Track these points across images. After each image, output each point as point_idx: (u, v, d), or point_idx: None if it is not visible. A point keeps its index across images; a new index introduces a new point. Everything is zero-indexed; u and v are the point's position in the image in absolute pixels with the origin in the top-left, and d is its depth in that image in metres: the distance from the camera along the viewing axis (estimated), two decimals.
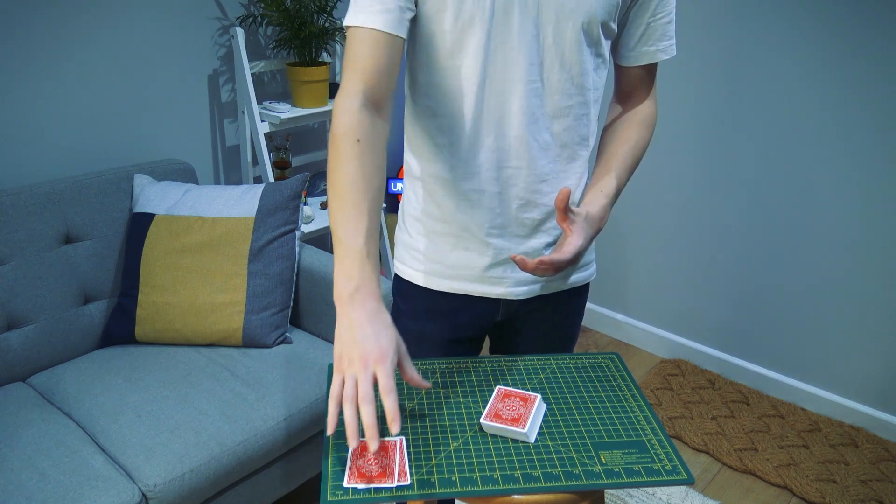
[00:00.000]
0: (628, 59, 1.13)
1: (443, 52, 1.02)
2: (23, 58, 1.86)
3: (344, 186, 0.92)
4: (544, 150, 1.08)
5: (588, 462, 0.95)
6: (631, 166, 1.14)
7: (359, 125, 0.95)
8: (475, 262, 1.15)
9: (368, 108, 0.97)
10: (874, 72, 2.07)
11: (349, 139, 0.94)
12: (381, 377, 0.84)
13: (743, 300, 2.53)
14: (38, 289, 1.76)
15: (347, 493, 0.87)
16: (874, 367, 2.30)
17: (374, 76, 0.97)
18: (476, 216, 1.11)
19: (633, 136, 1.14)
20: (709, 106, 2.40)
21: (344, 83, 0.98)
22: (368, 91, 0.97)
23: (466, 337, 1.23)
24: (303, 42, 2.25)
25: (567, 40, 1.01)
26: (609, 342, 2.89)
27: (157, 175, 2.01)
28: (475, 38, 1.00)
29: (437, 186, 1.12)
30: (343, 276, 0.89)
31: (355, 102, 0.95)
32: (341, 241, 0.91)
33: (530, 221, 1.12)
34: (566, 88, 1.05)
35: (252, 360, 1.80)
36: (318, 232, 2.35)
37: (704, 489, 2.12)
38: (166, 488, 1.44)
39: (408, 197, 1.18)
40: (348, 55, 0.98)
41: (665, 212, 2.63)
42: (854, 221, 2.22)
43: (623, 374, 1.16)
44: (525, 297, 1.18)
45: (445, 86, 1.05)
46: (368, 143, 0.95)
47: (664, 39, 1.11)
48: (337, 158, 0.94)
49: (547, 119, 1.06)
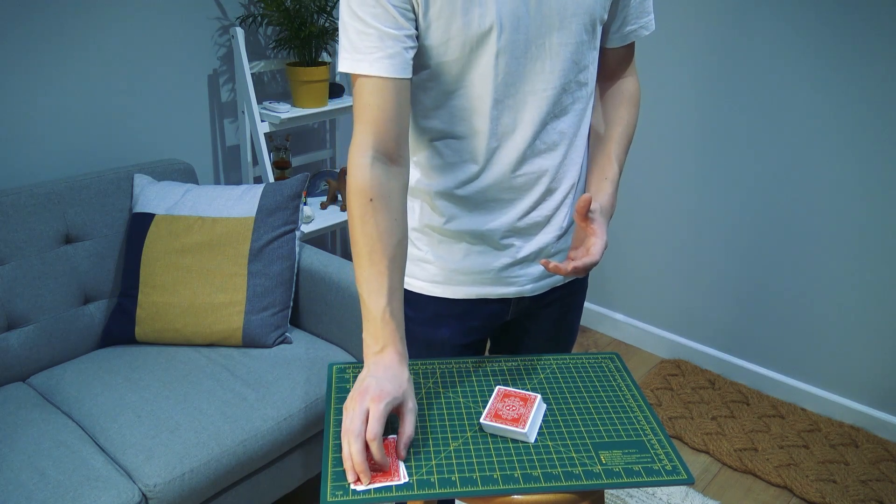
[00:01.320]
0: (613, 42, 1.14)
1: (451, 77, 1.01)
2: (23, 58, 1.86)
3: (362, 248, 0.96)
4: (552, 150, 1.08)
5: (588, 462, 0.95)
6: (626, 146, 1.15)
7: (371, 183, 0.96)
8: (490, 264, 1.14)
9: (381, 160, 0.97)
10: (875, 73, 2.07)
11: (363, 198, 0.96)
12: (371, 415, 0.88)
13: (743, 300, 2.53)
14: (38, 289, 1.76)
15: (347, 493, 0.87)
16: (874, 367, 2.30)
17: (385, 125, 0.96)
18: (491, 223, 1.11)
19: (625, 116, 1.16)
20: (709, 106, 2.40)
21: (355, 136, 0.98)
22: (380, 143, 0.97)
23: (475, 340, 1.23)
24: (303, 42, 2.25)
25: (572, 43, 1.02)
26: (609, 342, 2.89)
27: (157, 175, 2.01)
28: (484, 59, 0.99)
29: (447, 202, 1.11)
30: (369, 336, 0.96)
31: (366, 158, 0.96)
32: (365, 303, 0.96)
33: (541, 219, 1.13)
34: (572, 88, 1.06)
35: (252, 360, 1.80)
36: (318, 232, 2.35)
37: (704, 489, 2.12)
38: (166, 488, 1.44)
39: (412, 215, 1.16)
40: (356, 105, 0.98)
41: (665, 212, 2.63)
42: (854, 221, 2.22)
43: (623, 374, 1.16)
44: (538, 293, 1.19)
45: (455, 107, 1.03)
46: (382, 200, 0.96)
47: (644, 16, 1.12)
48: (353, 219, 0.97)
49: (556, 121, 1.07)
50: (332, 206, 2.51)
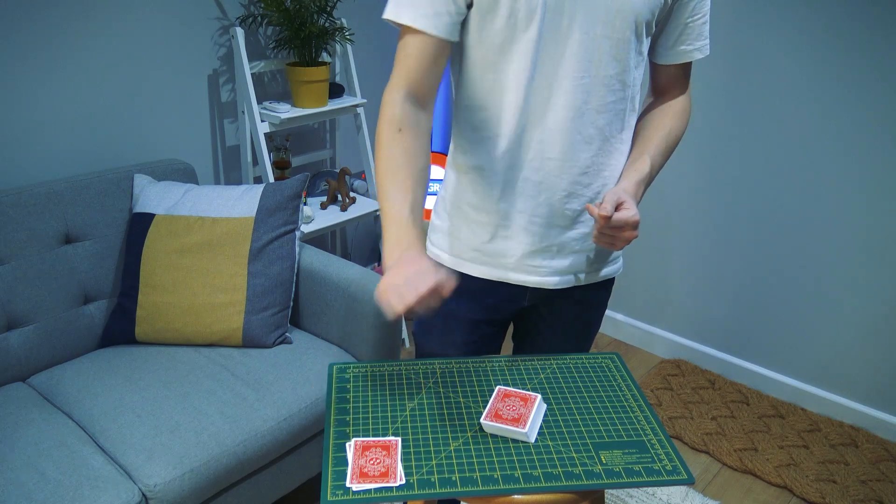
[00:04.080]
0: (666, 57, 1.16)
1: (492, 49, 1.05)
2: (23, 58, 1.86)
3: (389, 168, 1.00)
4: (588, 143, 1.10)
5: (588, 462, 0.95)
6: (664, 151, 1.16)
7: (402, 116, 1.03)
8: (514, 250, 1.16)
9: (411, 101, 1.04)
10: (875, 74, 2.07)
11: (393, 128, 1.02)
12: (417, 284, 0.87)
13: (743, 300, 2.53)
14: (38, 289, 1.76)
15: (347, 493, 0.87)
16: (874, 367, 2.30)
17: (419, 75, 1.04)
18: (519, 204, 1.13)
19: (668, 124, 1.17)
20: (709, 106, 2.40)
21: (392, 77, 1.05)
22: (413, 87, 1.04)
23: (492, 319, 1.26)
24: (303, 42, 2.25)
25: (616, 38, 1.04)
26: (609, 342, 2.89)
27: (157, 175, 2.01)
28: (527, 34, 1.02)
29: (479, 177, 1.14)
30: (392, 243, 0.95)
31: (399, 95, 1.03)
32: (387, 213, 0.97)
33: (571, 212, 1.14)
34: (611, 84, 1.07)
35: (252, 360, 1.80)
36: (318, 232, 2.35)
37: (704, 489, 2.12)
38: (166, 488, 1.44)
39: (447, 186, 1.21)
40: (398, 51, 1.05)
41: (665, 212, 2.63)
42: (854, 222, 2.22)
43: (623, 374, 1.16)
44: (558, 287, 1.20)
45: (493, 80, 1.07)
46: (411, 130, 1.03)
47: (700, 39, 1.14)
48: (381, 145, 1.02)
49: (592, 113, 1.08)
50: (332, 206, 2.51)
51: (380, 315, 1.83)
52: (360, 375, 1.12)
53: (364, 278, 1.87)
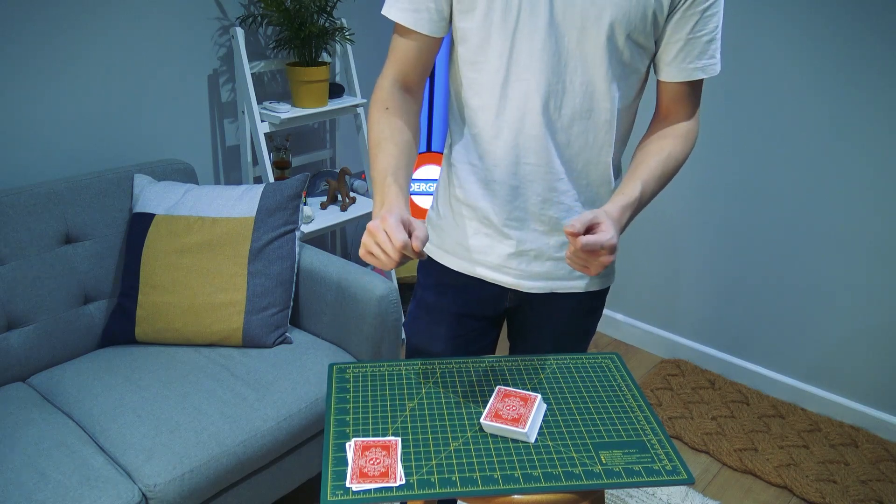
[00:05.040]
0: (666, 74, 1.10)
1: (471, 47, 1.08)
2: (23, 58, 1.86)
3: (376, 141, 1.07)
4: (561, 150, 1.10)
5: (588, 462, 0.95)
6: (660, 177, 1.10)
7: (389, 97, 1.11)
8: (494, 249, 1.18)
9: (399, 87, 1.12)
10: (876, 74, 2.07)
11: (381, 107, 1.10)
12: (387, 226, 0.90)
13: (743, 300, 2.53)
14: (38, 289, 1.76)
15: (347, 493, 0.87)
16: (874, 367, 2.30)
17: (406, 67, 1.12)
18: (495, 206, 1.15)
19: (667, 148, 1.11)
20: (709, 107, 2.40)
21: (384, 67, 1.14)
22: (400, 77, 1.13)
23: (476, 314, 1.27)
24: (303, 42, 2.25)
25: (590, 46, 1.02)
26: (609, 342, 2.89)
27: (157, 175, 2.01)
28: (502, 34, 1.04)
29: (467, 173, 1.17)
30: (377, 204, 1.00)
31: (387, 82, 1.12)
32: (374, 180, 1.04)
33: (547, 219, 1.15)
34: (587, 93, 1.06)
35: (252, 360, 1.80)
36: (318, 232, 2.35)
37: (704, 489, 2.12)
38: (166, 488, 1.44)
39: (440, 178, 1.25)
40: (391, 43, 1.13)
41: (665, 212, 2.63)
42: (854, 222, 2.22)
43: (623, 374, 1.16)
44: (533, 291, 1.21)
45: (473, 79, 1.10)
46: (397, 109, 1.10)
47: (704, 58, 1.07)
48: (371, 123, 1.10)
49: (566, 120, 1.08)
50: (332, 206, 2.51)
51: (380, 315, 1.83)
52: (360, 375, 1.12)
53: (364, 278, 1.87)
